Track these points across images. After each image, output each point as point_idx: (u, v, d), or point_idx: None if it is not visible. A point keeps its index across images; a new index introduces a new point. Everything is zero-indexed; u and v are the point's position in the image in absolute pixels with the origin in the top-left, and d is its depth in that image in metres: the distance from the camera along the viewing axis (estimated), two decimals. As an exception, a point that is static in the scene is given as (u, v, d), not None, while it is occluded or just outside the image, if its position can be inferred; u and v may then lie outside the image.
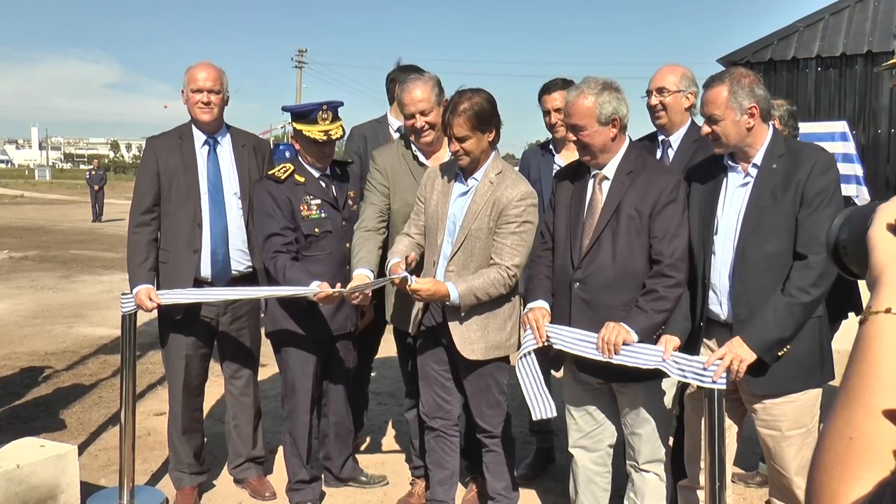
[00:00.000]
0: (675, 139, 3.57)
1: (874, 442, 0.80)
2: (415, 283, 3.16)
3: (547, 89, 4.13)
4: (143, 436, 4.86)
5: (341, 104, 3.77)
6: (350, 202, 3.89)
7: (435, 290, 3.17)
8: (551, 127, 4.13)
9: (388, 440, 5.04)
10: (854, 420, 0.82)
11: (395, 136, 4.23)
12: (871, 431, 0.80)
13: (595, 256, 2.98)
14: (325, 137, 3.66)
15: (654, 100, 3.51)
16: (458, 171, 3.34)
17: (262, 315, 4.10)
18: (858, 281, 1.01)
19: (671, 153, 3.55)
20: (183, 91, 3.87)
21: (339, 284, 3.45)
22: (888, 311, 0.88)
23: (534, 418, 3.11)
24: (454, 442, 3.59)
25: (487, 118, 3.20)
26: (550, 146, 4.21)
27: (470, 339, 3.29)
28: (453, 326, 3.29)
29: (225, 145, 3.95)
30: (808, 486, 0.84)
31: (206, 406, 4.29)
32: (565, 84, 3.98)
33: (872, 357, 0.86)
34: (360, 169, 4.14)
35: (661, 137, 3.60)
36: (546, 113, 4.12)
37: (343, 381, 4.08)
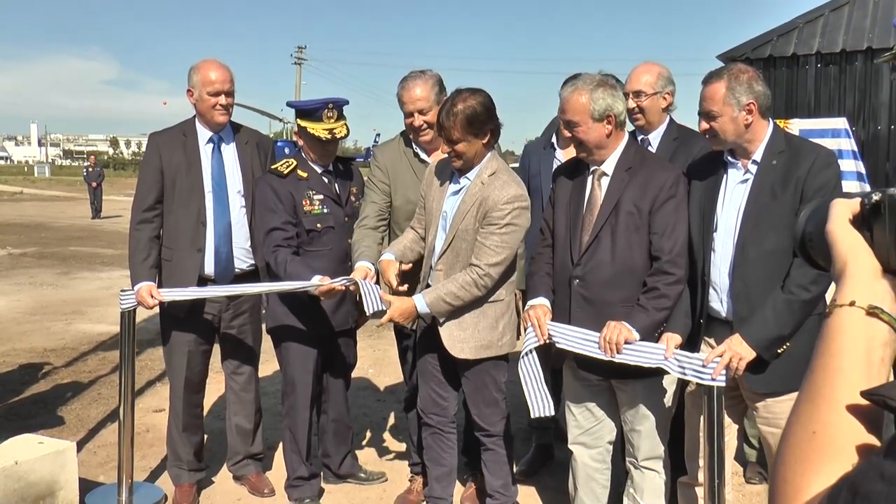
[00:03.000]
0: (655, 138, 3.56)
1: (837, 436, 0.80)
2: (383, 318, 3.20)
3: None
4: (141, 432, 4.86)
5: (346, 102, 3.75)
6: (352, 198, 3.88)
7: (402, 310, 3.19)
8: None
9: (388, 437, 5.04)
10: (817, 414, 0.82)
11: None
12: (834, 426, 0.81)
13: (594, 253, 2.97)
14: (329, 136, 3.65)
15: (631, 103, 3.48)
16: (453, 169, 3.33)
17: (263, 311, 4.09)
18: None
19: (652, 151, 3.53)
20: (191, 90, 3.81)
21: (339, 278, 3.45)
22: (852, 304, 0.88)
23: (532, 416, 3.12)
24: (451, 439, 3.58)
25: (481, 123, 3.13)
26: (553, 141, 4.18)
27: (459, 337, 3.27)
28: (441, 326, 3.27)
29: (229, 142, 3.93)
30: (771, 480, 0.84)
31: (206, 403, 4.29)
32: None
33: (836, 351, 0.86)
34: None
35: (639, 137, 3.58)
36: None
37: (343, 378, 4.08)
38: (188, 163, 3.81)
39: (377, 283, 3.60)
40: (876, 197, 0.92)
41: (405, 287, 3.31)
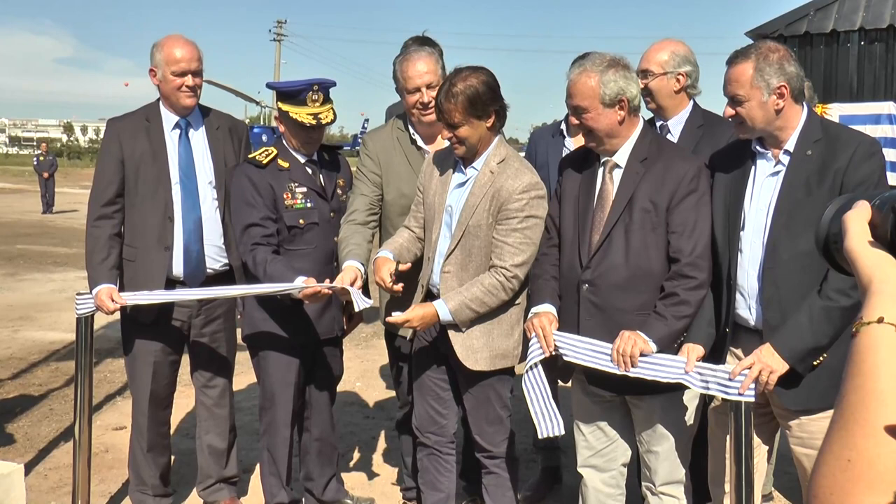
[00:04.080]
0: (675, 124, 3.58)
1: (875, 463, 0.82)
2: (399, 316, 3.20)
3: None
4: (99, 453, 4.88)
5: (333, 84, 3.78)
6: (339, 191, 3.90)
7: (422, 316, 3.21)
8: None
9: (378, 458, 5.06)
10: (852, 441, 0.84)
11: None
12: (871, 452, 0.83)
13: (606, 254, 2.99)
14: (314, 121, 3.67)
15: (640, 83, 3.49)
16: (457, 158, 3.35)
17: (239, 317, 4.10)
18: None
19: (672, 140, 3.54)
20: (154, 70, 3.84)
21: (326, 281, 3.46)
22: (881, 320, 0.90)
23: (540, 436, 3.14)
24: (449, 461, 3.60)
25: (484, 103, 3.17)
26: (562, 128, 4.20)
27: (473, 347, 3.29)
28: (453, 335, 3.29)
29: (198, 128, 3.96)
30: None
31: (174, 420, 4.30)
32: None
33: (868, 371, 0.88)
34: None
35: (658, 123, 3.60)
36: None
37: (328, 392, 4.09)
38: (153, 151, 3.83)
39: (366, 285, 3.63)
40: None
41: (399, 287, 3.32)
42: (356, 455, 5.07)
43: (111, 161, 3.83)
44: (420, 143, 3.78)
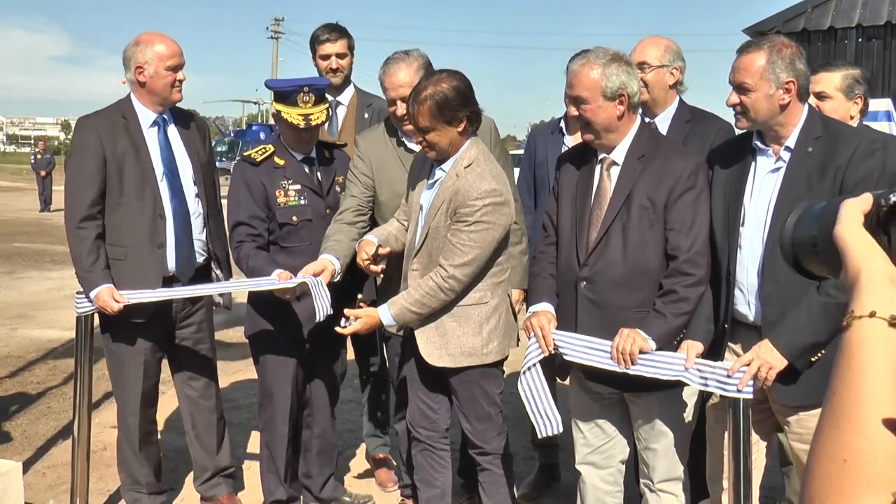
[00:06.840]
0: (662, 120, 3.58)
1: (869, 463, 0.80)
2: (349, 326, 3.28)
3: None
4: (98, 451, 4.87)
5: (327, 85, 3.76)
6: (337, 188, 3.90)
7: (366, 322, 3.27)
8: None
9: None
10: (845, 440, 0.83)
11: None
12: (865, 451, 0.81)
13: (603, 252, 2.98)
14: (304, 123, 3.66)
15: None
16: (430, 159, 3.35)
17: (215, 307, 4.13)
18: None
19: None
20: (141, 67, 3.76)
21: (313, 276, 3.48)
22: (872, 315, 0.89)
23: (539, 436, 3.13)
24: (444, 456, 3.57)
25: (453, 109, 3.13)
26: (561, 126, 4.19)
27: (437, 343, 3.28)
28: (418, 331, 3.29)
29: (173, 124, 3.97)
30: None
31: (166, 418, 4.29)
32: None
33: (858, 367, 0.87)
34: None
35: (645, 119, 3.60)
36: None
37: (329, 389, 4.08)
38: (135, 148, 3.79)
39: (347, 283, 3.64)
40: (894, 198, 0.94)
41: (379, 268, 3.38)
42: (355, 452, 5.06)
43: (92, 160, 3.74)
44: (410, 144, 3.77)
